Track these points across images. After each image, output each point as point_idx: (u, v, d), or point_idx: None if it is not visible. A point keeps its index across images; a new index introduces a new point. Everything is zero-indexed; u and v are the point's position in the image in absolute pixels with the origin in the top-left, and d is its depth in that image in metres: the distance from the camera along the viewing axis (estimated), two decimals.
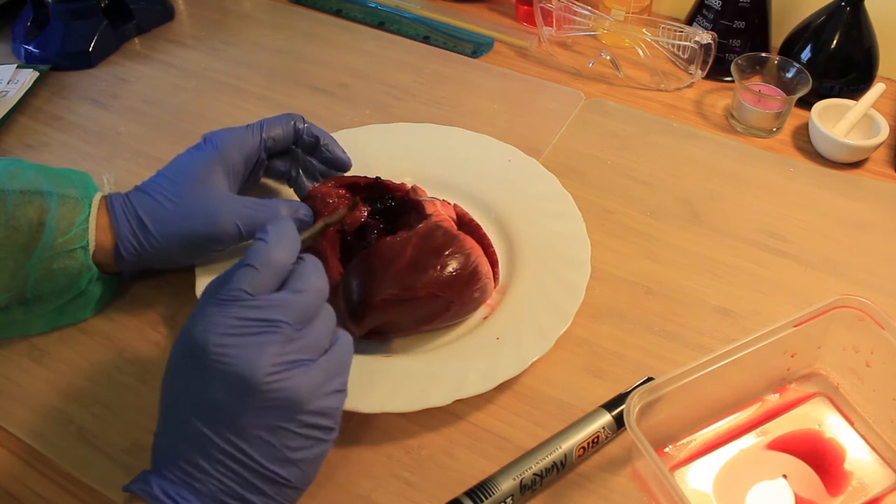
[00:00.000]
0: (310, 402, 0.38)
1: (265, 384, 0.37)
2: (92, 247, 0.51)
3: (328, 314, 0.42)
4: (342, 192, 0.55)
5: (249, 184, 0.59)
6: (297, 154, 0.59)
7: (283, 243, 0.41)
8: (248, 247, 0.41)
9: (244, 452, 0.37)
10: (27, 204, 0.50)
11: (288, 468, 0.38)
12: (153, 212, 0.52)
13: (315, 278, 0.41)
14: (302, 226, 0.53)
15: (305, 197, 0.56)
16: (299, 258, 0.42)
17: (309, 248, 0.53)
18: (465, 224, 0.55)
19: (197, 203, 0.52)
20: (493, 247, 0.54)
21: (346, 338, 0.42)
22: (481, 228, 0.55)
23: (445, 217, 0.53)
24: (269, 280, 0.40)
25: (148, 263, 0.54)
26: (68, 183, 0.53)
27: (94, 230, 0.51)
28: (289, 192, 0.62)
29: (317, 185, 0.56)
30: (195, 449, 0.37)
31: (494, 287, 0.54)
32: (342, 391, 0.41)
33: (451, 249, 0.50)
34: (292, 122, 0.58)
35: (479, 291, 0.51)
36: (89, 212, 0.52)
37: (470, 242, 0.52)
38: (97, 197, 0.53)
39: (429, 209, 0.53)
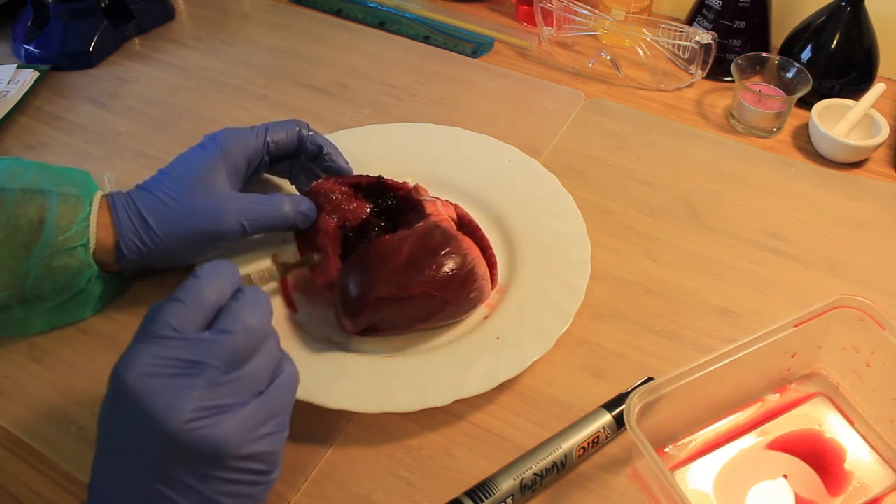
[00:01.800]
0: (239, 448, 0.35)
1: (184, 432, 0.34)
2: (92, 245, 0.51)
3: (268, 352, 0.38)
4: (345, 188, 0.55)
5: (250, 183, 0.59)
6: (300, 158, 0.59)
7: (214, 279, 0.38)
8: (252, 242, 0.40)
9: (170, 499, 0.35)
10: (28, 202, 0.50)
11: None
12: (156, 210, 0.52)
13: (248, 317, 0.37)
14: (305, 221, 0.54)
15: (308, 192, 0.56)
16: (238, 292, 0.39)
17: (311, 241, 0.54)
18: (465, 225, 0.55)
19: (200, 201, 0.52)
20: (491, 248, 0.54)
21: (289, 373, 0.39)
22: (481, 230, 0.55)
23: (445, 217, 0.53)
24: (196, 317, 0.37)
25: (149, 262, 0.54)
26: (69, 181, 0.53)
27: (95, 228, 0.51)
28: (291, 187, 0.62)
29: (320, 180, 0.56)
30: (122, 489, 0.35)
31: (492, 288, 0.54)
32: (280, 432, 0.38)
33: (448, 249, 0.50)
34: (297, 129, 0.58)
35: (475, 292, 0.51)
36: (90, 210, 0.52)
37: (468, 243, 0.52)
38: (98, 195, 0.53)
39: (428, 209, 0.53)
